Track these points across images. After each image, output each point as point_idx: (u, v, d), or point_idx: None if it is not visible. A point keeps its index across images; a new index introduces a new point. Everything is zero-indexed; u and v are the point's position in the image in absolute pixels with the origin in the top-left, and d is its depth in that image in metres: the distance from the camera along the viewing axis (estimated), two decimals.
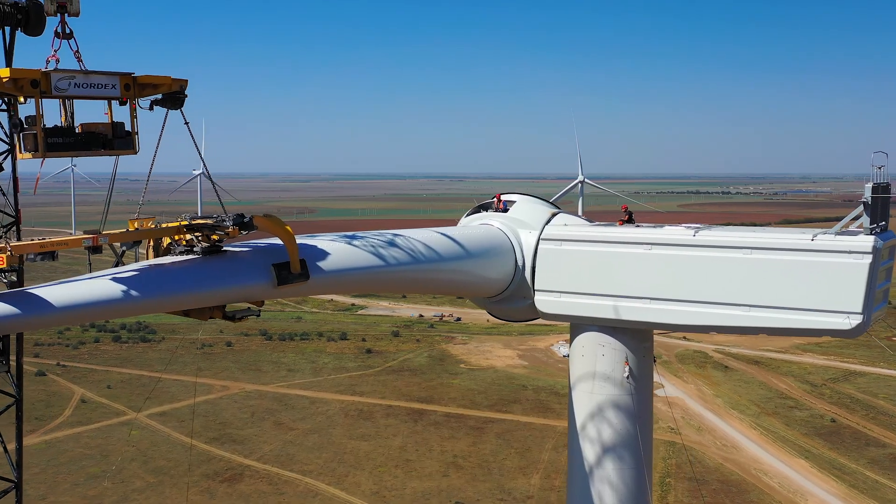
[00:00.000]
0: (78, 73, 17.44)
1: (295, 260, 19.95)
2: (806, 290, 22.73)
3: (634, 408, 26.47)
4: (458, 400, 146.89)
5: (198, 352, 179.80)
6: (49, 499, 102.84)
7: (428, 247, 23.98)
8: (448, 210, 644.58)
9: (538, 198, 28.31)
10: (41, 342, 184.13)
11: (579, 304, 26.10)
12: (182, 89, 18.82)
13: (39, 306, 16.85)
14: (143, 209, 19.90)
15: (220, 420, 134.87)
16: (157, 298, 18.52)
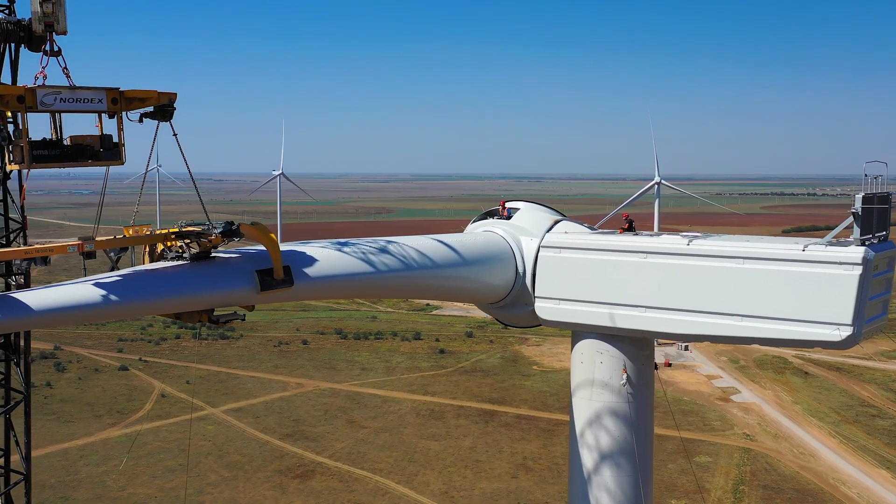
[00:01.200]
0: (64, 89, 18.12)
1: (278, 266, 20.39)
2: (797, 301, 22.56)
3: (633, 415, 26.60)
4: (529, 401, 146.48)
5: (274, 349, 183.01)
6: (128, 490, 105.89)
7: (421, 253, 24.14)
8: None
9: (543, 205, 28.54)
10: (125, 338, 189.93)
11: (577, 311, 26.29)
12: (171, 102, 19.43)
13: (17, 309, 17.50)
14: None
15: (294, 417, 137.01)
16: (139, 302, 19.16)
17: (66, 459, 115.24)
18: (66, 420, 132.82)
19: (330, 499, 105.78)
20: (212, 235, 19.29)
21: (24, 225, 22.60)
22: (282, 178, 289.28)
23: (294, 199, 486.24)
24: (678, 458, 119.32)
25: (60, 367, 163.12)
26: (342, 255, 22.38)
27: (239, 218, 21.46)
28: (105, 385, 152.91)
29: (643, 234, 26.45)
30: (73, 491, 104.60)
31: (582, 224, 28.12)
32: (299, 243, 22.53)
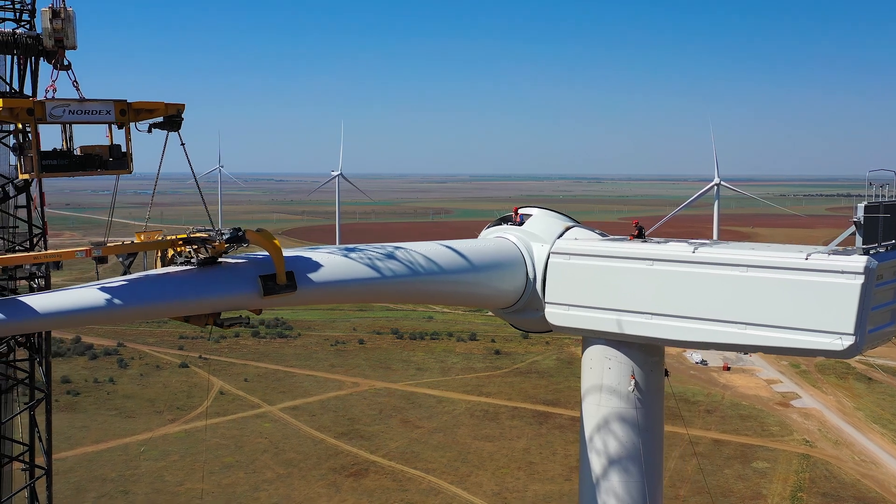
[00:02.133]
0: (72, 102, 18.98)
1: (281, 272, 20.97)
2: (799, 310, 22.52)
3: (641, 421, 26.78)
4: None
5: (331, 349, 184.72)
6: (186, 485, 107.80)
7: (428, 259, 24.48)
8: (585, 212, 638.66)
9: (556, 212, 28.74)
10: (185, 335, 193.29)
11: (586, 317, 26.46)
12: (178, 113, 20.32)
13: (23, 312, 18.36)
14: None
15: (350, 416, 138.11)
16: (144, 306, 19.92)
17: (126, 454, 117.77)
18: (127, 415, 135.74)
19: (383, 498, 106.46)
20: (216, 242, 19.95)
21: (44, 230, 23.40)
22: (340, 179, 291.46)
23: (352, 200, 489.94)
24: (735, 463, 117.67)
25: (123, 364, 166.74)
26: (348, 261, 22.81)
27: (298, 218, 22.24)
28: (166, 381, 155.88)
29: (652, 241, 26.46)
30: (133, 485, 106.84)
31: (593, 230, 28.25)
32: (308, 248, 23.05)
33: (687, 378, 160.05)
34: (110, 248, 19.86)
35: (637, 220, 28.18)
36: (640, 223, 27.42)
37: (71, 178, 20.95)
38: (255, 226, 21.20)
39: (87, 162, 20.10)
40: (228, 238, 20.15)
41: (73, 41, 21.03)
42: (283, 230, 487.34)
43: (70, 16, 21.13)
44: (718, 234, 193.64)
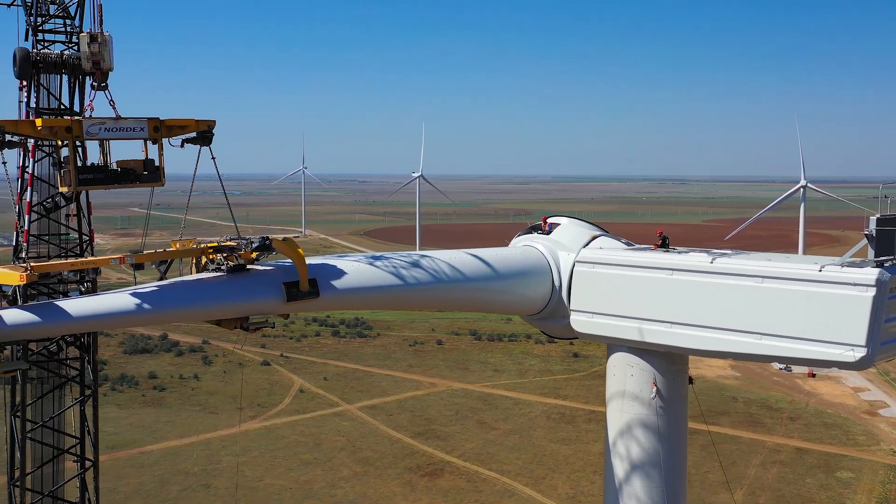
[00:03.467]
0: (108, 120, 20.30)
1: (303, 279, 22.04)
2: (813, 321, 22.89)
3: (663, 428, 27.52)
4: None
5: (409, 349, 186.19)
6: (265, 481, 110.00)
7: (453, 267, 25.25)
8: (668, 214, 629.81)
9: (584, 221, 29.65)
10: (268, 334, 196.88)
11: (609, 324, 27.16)
12: (210, 128, 21.57)
13: (57, 315, 19.55)
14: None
15: (426, 416, 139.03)
16: (173, 310, 21.18)
17: (209, 449, 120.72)
18: (210, 411, 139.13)
19: (457, 498, 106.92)
20: (242, 250, 21.14)
21: (90, 238, 24.80)
22: (421, 181, 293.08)
23: (434, 201, 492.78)
24: (818, 472, 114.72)
25: (207, 361, 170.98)
26: (371, 269, 23.70)
27: (380, 219, 23.39)
28: (247, 379, 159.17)
29: (676, 251, 27.05)
30: (214, 479, 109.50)
31: (619, 240, 28.98)
32: (335, 257, 24.06)
33: (770, 385, 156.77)
34: (143, 255, 21.09)
35: (661, 229, 28.78)
36: (664, 233, 27.98)
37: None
38: (338, 227, 22.51)
39: (122, 175, 21.35)
40: (256, 247, 21.32)
41: (109, 63, 22.44)
42: (365, 230, 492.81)
43: (106, 40, 22.57)
44: (805, 238, 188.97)
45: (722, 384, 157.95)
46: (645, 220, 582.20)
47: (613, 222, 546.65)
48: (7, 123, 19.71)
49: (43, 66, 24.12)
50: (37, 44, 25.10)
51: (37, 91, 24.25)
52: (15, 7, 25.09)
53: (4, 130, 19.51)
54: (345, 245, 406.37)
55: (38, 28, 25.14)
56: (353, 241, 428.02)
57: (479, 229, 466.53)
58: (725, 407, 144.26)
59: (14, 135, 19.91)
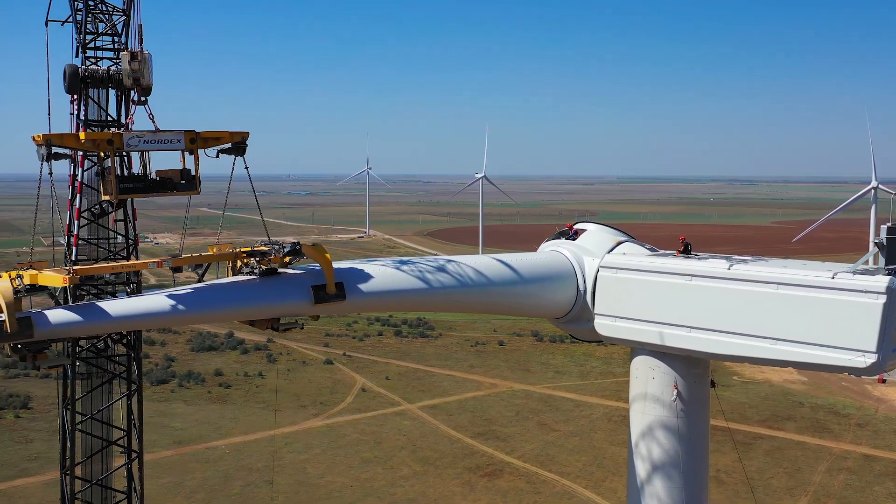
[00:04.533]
0: (147, 133, 21.59)
1: (330, 283, 23.10)
2: (825, 327, 23.46)
3: (683, 430, 28.45)
4: (726, 413, 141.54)
5: (471, 349, 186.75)
6: (326, 478, 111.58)
7: (478, 272, 26.29)
8: (736, 215, 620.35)
9: (610, 227, 30.49)
10: (331, 333, 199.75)
11: (631, 328, 28.20)
12: (243, 140, 22.89)
13: (98, 315, 21.11)
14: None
15: (486, 417, 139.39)
16: (207, 312, 22.62)
17: (272, 446, 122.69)
18: (274, 409, 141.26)
19: (516, 499, 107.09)
20: (272, 255, 22.40)
21: (135, 242, 26.19)
22: (484, 181, 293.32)
23: (497, 201, 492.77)
24: (886, 480, 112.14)
25: (272, 359, 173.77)
26: (397, 273, 24.78)
27: (443, 220, 24.54)
28: (311, 377, 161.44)
29: (698, 257, 27.81)
30: (277, 475, 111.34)
31: (644, 245, 29.80)
32: (364, 261, 25.07)
33: (838, 390, 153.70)
34: (180, 259, 22.64)
35: (684, 236, 29.35)
36: (687, 239, 28.70)
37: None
38: (402, 227, 23.74)
39: (160, 184, 22.72)
40: (287, 251, 22.66)
41: (148, 80, 23.80)
42: (429, 231, 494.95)
43: (146, 58, 23.90)
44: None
45: (788, 389, 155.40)
46: (711, 221, 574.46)
47: (678, 224, 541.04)
48: (53, 137, 21.26)
49: (91, 82, 25.59)
50: (86, 60, 26.51)
51: (85, 104, 25.76)
52: (68, 24, 26.64)
53: (51, 143, 21.07)
54: (408, 245, 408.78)
55: (87, 46, 26.55)
56: (416, 241, 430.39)
57: (543, 230, 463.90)
58: (791, 412, 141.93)
59: (60, 147, 21.44)
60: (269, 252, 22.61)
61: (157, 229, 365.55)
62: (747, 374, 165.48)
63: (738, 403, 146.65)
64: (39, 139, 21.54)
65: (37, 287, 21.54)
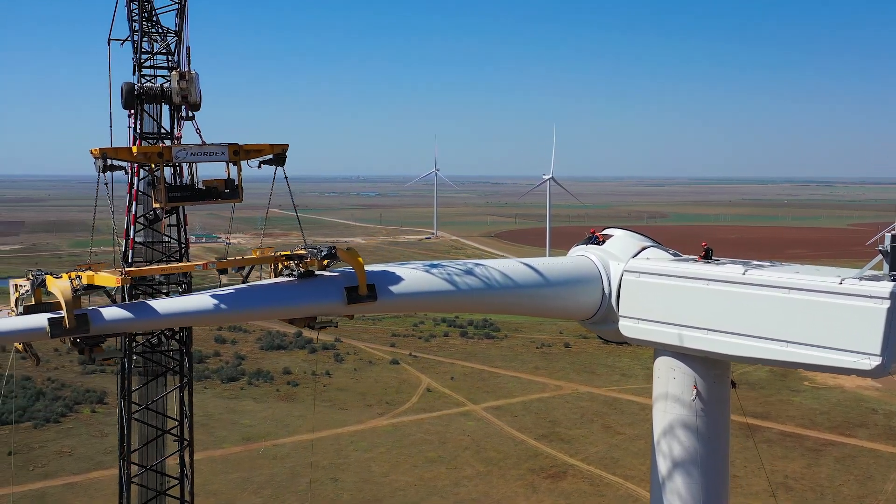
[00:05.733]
0: (193, 146, 23.50)
1: (362, 285, 24.57)
2: (833, 330, 24.41)
3: (703, 429, 29.81)
4: (796, 419, 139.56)
5: (536, 351, 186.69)
6: (391, 477, 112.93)
7: (504, 275, 27.67)
8: (811, 217, 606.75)
9: (636, 233, 31.76)
10: (398, 333, 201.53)
11: (653, 330, 29.36)
12: (283, 151, 24.63)
13: (148, 313, 23.13)
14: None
15: (551, 418, 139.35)
16: (249, 310, 24.51)
17: (337, 444, 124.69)
18: (340, 407, 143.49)
19: (579, 501, 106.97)
20: (308, 259, 24.10)
21: (186, 245, 27.87)
22: (551, 183, 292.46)
23: (565, 203, 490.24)
24: None
25: (339, 359, 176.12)
26: (427, 275, 26.15)
27: (511, 221, 25.93)
28: (377, 377, 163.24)
29: (718, 263, 28.90)
30: (342, 473, 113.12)
31: (667, 250, 31.03)
32: (395, 265, 26.47)
33: None
34: (225, 262, 24.47)
35: (705, 242, 30.43)
36: (709, 245, 29.79)
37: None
38: (469, 228, 25.25)
39: (206, 193, 24.52)
40: (324, 255, 24.28)
41: (195, 97, 25.85)
42: (496, 232, 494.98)
43: (193, 77, 25.88)
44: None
45: (861, 395, 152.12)
46: (785, 223, 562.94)
47: (751, 226, 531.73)
48: (109, 151, 23.39)
49: (145, 98, 27.40)
50: (141, 78, 28.28)
51: (141, 118, 27.56)
52: (128, 42, 28.53)
53: (107, 156, 23.25)
54: (475, 247, 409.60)
55: (143, 64, 28.34)
56: (483, 242, 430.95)
57: None
58: (864, 419, 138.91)
59: (115, 160, 23.59)
60: (306, 255, 24.11)
61: (233, 229, 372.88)
62: (819, 379, 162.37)
63: (808, 409, 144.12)
64: (96, 153, 23.65)
65: (93, 287, 23.43)
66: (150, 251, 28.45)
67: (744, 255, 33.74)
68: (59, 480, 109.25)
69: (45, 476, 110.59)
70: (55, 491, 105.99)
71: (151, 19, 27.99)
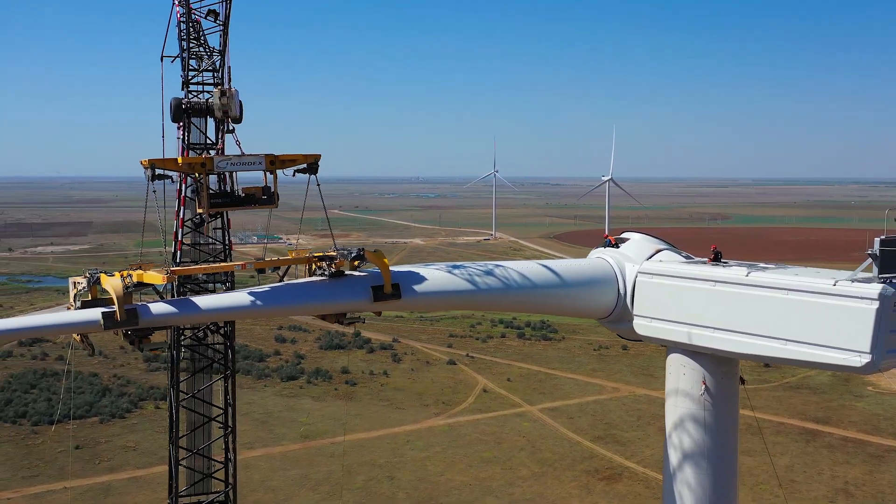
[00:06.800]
0: (233, 157, 25.88)
1: (387, 284, 26.48)
2: (827, 329, 26.07)
3: (711, 423, 31.52)
4: (858, 424, 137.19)
5: (594, 353, 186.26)
6: (446, 476, 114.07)
7: (523, 275, 29.50)
8: (879, 219, 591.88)
9: (652, 236, 33.79)
10: (455, 334, 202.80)
11: (665, 328, 31.12)
12: (315, 161, 26.79)
13: (191, 308, 25.49)
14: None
15: (607, 420, 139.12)
16: (283, 307, 26.81)
17: (394, 442, 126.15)
18: (397, 407, 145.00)
19: (634, 503, 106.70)
20: (338, 259, 26.17)
21: (230, 246, 30.88)
22: (611, 184, 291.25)
23: (625, 204, 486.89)
24: None
25: (396, 358, 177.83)
26: (449, 276, 28.04)
27: (570, 222, 27.78)
28: (434, 377, 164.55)
29: (725, 264, 30.62)
30: (398, 471, 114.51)
31: (680, 253, 32.94)
32: (421, 265, 28.48)
33: None
34: (262, 262, 26.63)
35: (715, 244, 32.05)
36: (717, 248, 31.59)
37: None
38: (528, 230, 27.07)
39: (245, 199, 26.79)
40: (354, 256, 26.31)
41: (234, 112, 28.07)
42: (555, 234, 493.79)
43: (233, 94, 28.07)
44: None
45: None
46: (852, 225, 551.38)
47: (815, 228, 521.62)
48: (157, 161, 25.88)
49: (192, 112, 29.62)
50: (188, 93, 30.44)
51: (188, 130, 29.84)
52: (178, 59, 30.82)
53: (155, 166, 25.73)
54: (534, 248, 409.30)
55: (190, 81, 30.57)
56: (542, 244, 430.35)
57: (670, 234, 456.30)
58: None
59: (163, 169, 26.03)
60: (336, 257, 26.23)
61: (291, 230, 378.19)
62: (883, 384, 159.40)
63: (871, 415, 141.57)
64: (146, 163, 25.99)
65: (143, 284, 25.84)
66: (197, 252, 30.72)
67: (804, 259, 35.03)
68: (123, 474, 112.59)
69: (110, 470, 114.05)
70: (120, 484, 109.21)
71: (199, 39, 30.27)
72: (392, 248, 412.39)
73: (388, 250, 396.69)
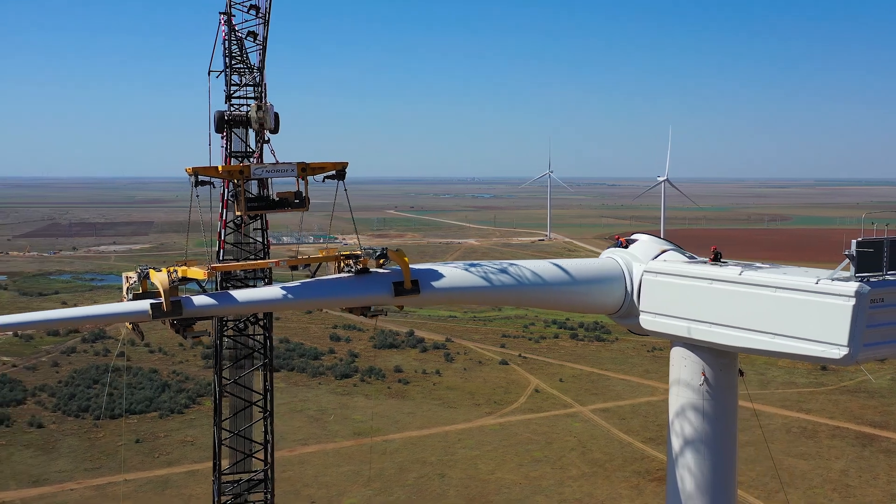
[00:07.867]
0: (268, 165, 28.74)
1: (407, 280, 28.93)
2: (811, 324, 28.06)
3: (710, 412, 33.54)
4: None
5: (647, 354, 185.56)
6: (496, 474, 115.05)
7: (535, 273, 31.77)
8: None
9: (659, 237, 36.05)
10: (507, 334, 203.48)
11: (668, 323, 33.46)
12: (343, 168, 29.39)
13: (229, 300, 28.31)
14: None
15: (659, 422, 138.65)
16: (312, 300, 30.01)
17: (445, 441, 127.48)
18: (449, 406, 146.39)
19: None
20: (363, 258, 28.88)
21: (268, 245, 33.37)
22: (666, 185, 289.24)
23: (682, 205, 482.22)
24: None
25: (449, 358, 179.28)
26: (465, 273, 30.51)
27: (626, 223, 30.49)
28: (486, 377, 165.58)
29: (724, 264, 32.59)
30: (449, 469, 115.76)
31: (684, 253, 35.10)
32: (440, 264, 31.16)
33: None
34: (295, 260, 29.55)
35: (715, 246, 34.10)
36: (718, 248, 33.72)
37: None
38: (583, 230, 29.47)
39: (279, 203, 29.62)
40: (378, 255, 29.08)
41: (270, 124, 30.80)
42: (610, 235, 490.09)
43: (268, 108, 30.71)
44: None
45: None
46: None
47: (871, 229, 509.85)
48: (199, 169, 28.63)
49: (233, 123, 32.39)
50: (230, 106, 33.06)
51: (230, 140, 32.61)
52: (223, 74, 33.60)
53: (198, 174, 28.51)
54: (588, 249, 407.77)
55: (232, 95, 33.22)
56: (597, 245, 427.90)
57: (727, 235, 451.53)
58: None
59: (205, 176, 28.78)
60: (361, 255, 28.95)
61: (346, 230, 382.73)
62: None
63: None
64: (189, 171, 28.63)
65: (187, 279, 28.63)
66: (239, 251, 33.34)
67: None
68: (181, 468, 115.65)
69: (169, 463, 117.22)
70: (178, 477, 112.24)
71: (241, 56, 32.78)
72: (446, 248, 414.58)
73: (442, 250, 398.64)
